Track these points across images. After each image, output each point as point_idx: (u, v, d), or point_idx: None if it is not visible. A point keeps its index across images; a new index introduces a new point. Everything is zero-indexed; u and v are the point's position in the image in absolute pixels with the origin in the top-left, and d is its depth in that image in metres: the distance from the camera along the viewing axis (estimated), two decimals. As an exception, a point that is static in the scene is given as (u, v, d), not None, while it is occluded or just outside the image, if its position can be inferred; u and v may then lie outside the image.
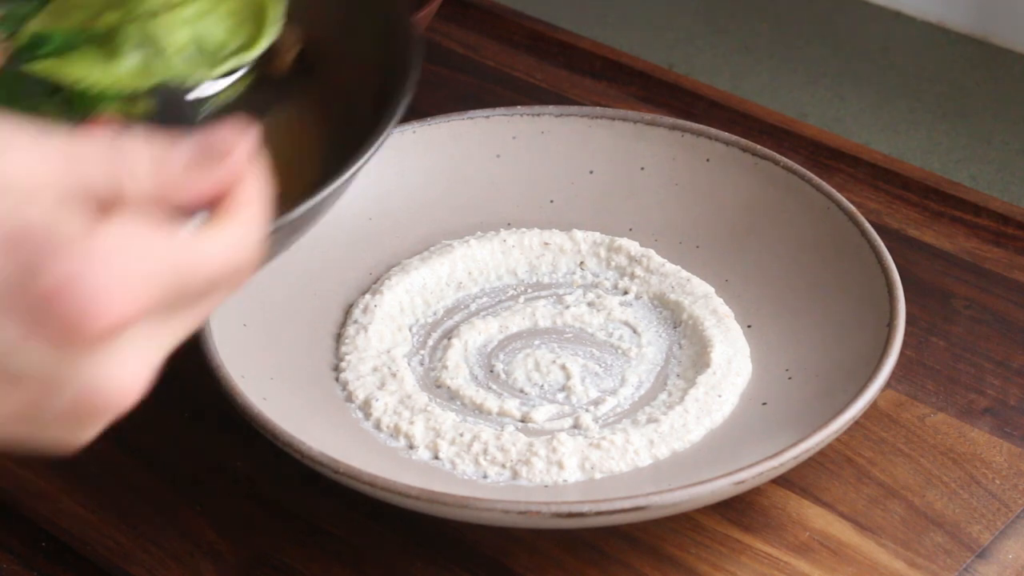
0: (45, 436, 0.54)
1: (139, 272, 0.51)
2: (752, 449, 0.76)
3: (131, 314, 0.51)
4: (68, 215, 0.51)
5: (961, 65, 1.18)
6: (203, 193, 0.54)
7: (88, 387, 0.52)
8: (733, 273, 0.89)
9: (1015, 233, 0.96)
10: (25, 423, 0.53)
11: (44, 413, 0.52)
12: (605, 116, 0.95)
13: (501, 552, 0.77)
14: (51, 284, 0.49)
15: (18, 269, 0.50)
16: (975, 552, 0.76)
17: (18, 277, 0.50)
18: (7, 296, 0.50)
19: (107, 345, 0.51)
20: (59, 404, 0.52)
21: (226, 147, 0.54)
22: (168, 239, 0.52)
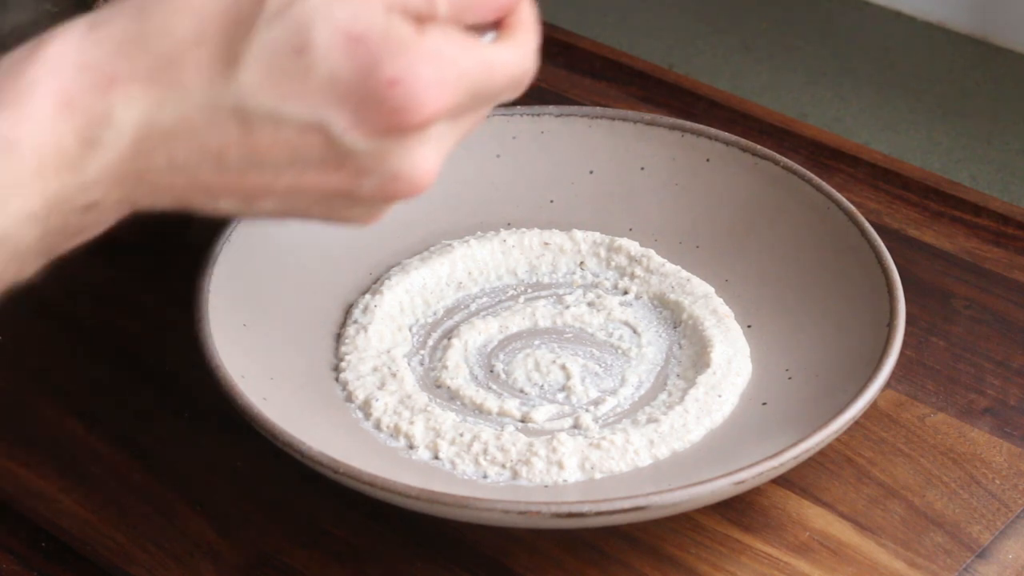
0: (348, 214, 0.61)
1: (455, 72, 0.58)
2: (752, 449, 0.76)
3: (445, 108, 0.58)
4: (399, 22, 0.57)
5: (961, 65, 1.18)
6: (494, 12, 0.61)
7: (396, 171, 0.59)
8: (733, 273, 0.89)
9: (1015, 233, 0.96)
10: (336, 201, 0.60)
11: (355, 193, 0.59)
12: (605, 116, 0.95)
13: (501, 552, 0.77)
14: (388, 76, 0.56)
15: (357, 64, 0.56)
16: (975, 552, 0.76)
17: (357, 71, 0.56)
18: (345, 87, 0.56)
19: (419, 135, 0.58)
20: (369, 185, 0.59)
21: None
22: (476, 47, 0.60)
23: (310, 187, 0.59)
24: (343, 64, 0.56)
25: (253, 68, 0.56)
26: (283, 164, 0.57)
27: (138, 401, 0.85)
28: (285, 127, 0.57)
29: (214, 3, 0.56)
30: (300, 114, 0.56)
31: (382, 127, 0.57)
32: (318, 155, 0.57)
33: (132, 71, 0.56)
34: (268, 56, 0.56)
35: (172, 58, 0.56)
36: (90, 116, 0.55)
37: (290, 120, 0.56)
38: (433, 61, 0.57)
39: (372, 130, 0.57)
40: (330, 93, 0.56)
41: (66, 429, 0.83)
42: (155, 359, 0.88)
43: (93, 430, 0.83)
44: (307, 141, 0.57)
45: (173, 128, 0.56)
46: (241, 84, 0.56)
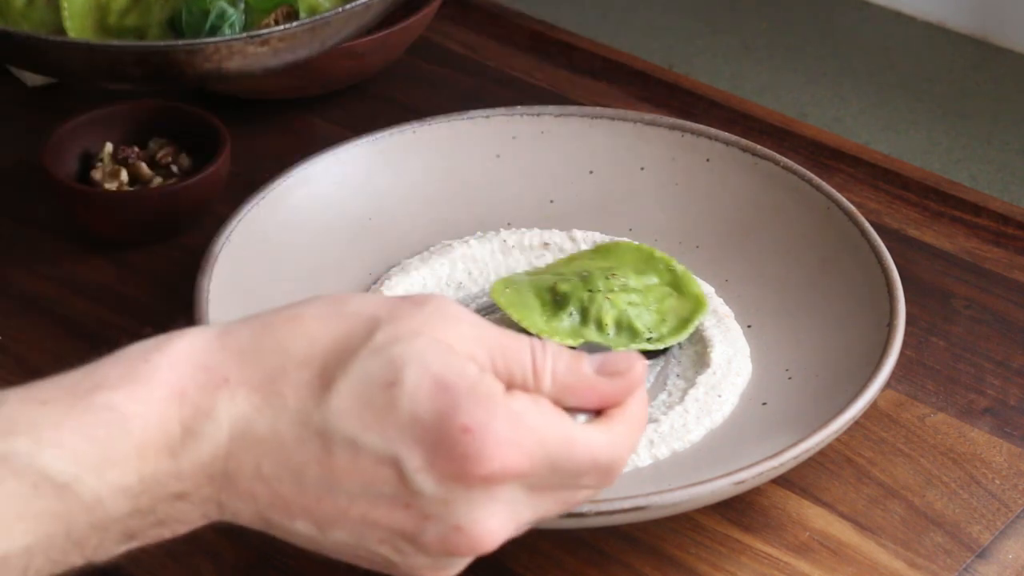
0: (412, 562, 0.61)
1: (532, 437, 0.60)
2: (752, 449, 0.76)
3: (517, 469, 0.59)
4: (491, 380, 0.60)
5: (961, 65, 1.18)
6: (600, 399, 0.63)
7: (459, 523, 0.60)
8: (733, 273, 0.89)
9: (1015, 233, 0.96)
10: (402, 543, 0.61)
11: (419, 538, 0.60)
12: (605, 116, 0.95)
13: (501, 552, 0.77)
14: (462, 423, 0.58)
15: (438, 407, 0.59)
16: (975, 552, 0.76)
17: (436, 413, 0.59)
18: (423, 428, 0.59)
19: (486, 491, 0.59)
20: (432, 532, 0.60)
21: (626, 366, 0.63)
22: (560, 420, 0.61)
23: (379, 521, 0.60)
24: (425, 405, 0.59)
25: (344, 394, 0.59)
26: (356, 492, 0.59)
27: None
28: (363, 455, 0.59)
29: (329, 332, 0.60)
30: (377, 446, 0.59)
31: (450, 473, 0.59)
32: (390, 489, 0.59)
33: (242, 377, 0.59)
34: (360, 386, 0.59)
35: (279, 372, 0.59)
36: (197, 409, 0.59)
37: (368, 449, 0.59)
38: (510, 420, 0.59)
39: (441, 475, 0.59)
40: (408, 431, 0.59)
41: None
42: (155, 359, 0.88)
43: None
44: (381, 473, 0.59)
45: (265, 436, 0.59)
46: (330, 407, 0.59)
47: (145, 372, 0.59)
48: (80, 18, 0.90)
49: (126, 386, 0.59)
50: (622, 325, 0.84)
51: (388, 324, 0.60)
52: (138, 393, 0.58)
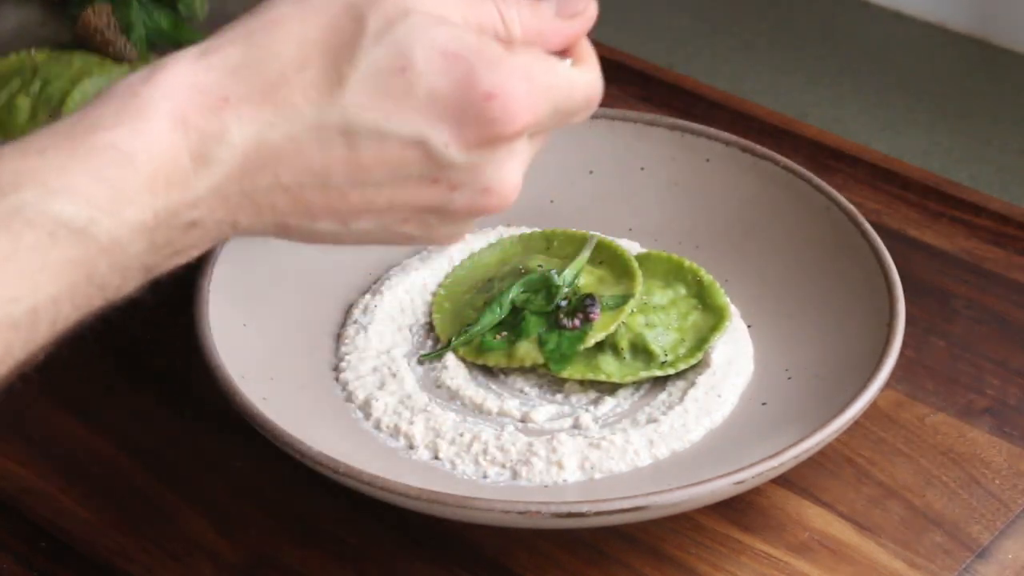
0: (439, 232, 0.64)
1: (544, 88, 0.62)
2: (752, 449, 0.76)
3: (535, 121, 0.62)
4: (489, 40, 0.61)
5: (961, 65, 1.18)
6: (565, 39, 0.66)
7: (487, 184, 0.62)
8: (733, 273, 0.89)
9: (1015, 233, 0.96)
10: (430, 216, 0.63)
11: (448, 207, 0.62)
12: (605, 116, 0.95)
13: (501, 552, 0.77)
14: (485, 89, 0.60)
15: (456, 79, 0.60)
16: (975, 552, 0.76)
17: (456, 86, 0.60)
18: (444, 103, 0.60)
19: (508, 148, 0.62)
20: (461, 200, 0.62)
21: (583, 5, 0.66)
22: (561, 67, 0.64)
23: (407, 202, 0.61)
24: (443, 80, 0.59)
25: (358, 88, 0.59)
26: (385, 180, 0.60)
27: (138, 401, 0.85)
28: (389, 143, 0.59)
29: (316, 29, 0.60)
30: (403, 130, 0.59)
31: (479, 139, 0.60)
32: (418, 170, 0.60)
33: (243, 93, 0.59)
34: (372, 76, 0.59)
35: (280, 81, 0.59)
36: (203, 134, 0.58)
37: (394, 136, 0.59)
38: (525, 76, 0.61)
39: (470, 143, 0.60)
40: (431, 109, 0.59)
41: (66, 429, 0.83)
42: (155, 359, 0.88)
43: (93, 430, 0.83)
44: (409, 156, 0.60)
45: (282, 147, 0.59)
46: (347, 104, 0.59)
47: (139, 106, 0.58)
48: None
49: (125, 123, 0.57)
50: (638, 348, 0.83)
51: (373, 8, 0.60)
52: (139, 128, 0.57)
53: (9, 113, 0.92)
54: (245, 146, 0.58)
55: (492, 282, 0.87)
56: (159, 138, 0.57)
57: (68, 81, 0.92)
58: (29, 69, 0.94)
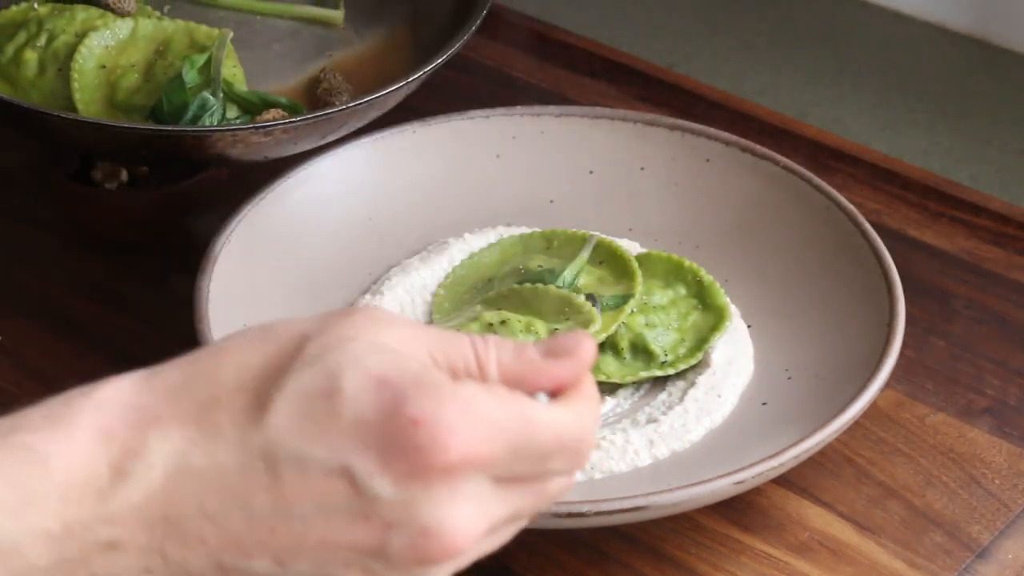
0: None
1: (487, 421, 0.56)
2: (752, 449, 0.76)
3: (476, 457, 0.55)
4: (435, 371, 0.57)
5: (961, 65, 1.18)
6: (552, 382, 0.59)
7: (425, 525, 0.55)
8: (733, 273, 0.89)
9: (1015, 233, 0.96)
10: (370, 562, 0.56)
11: (386, 550, 0.56)
12: (605, 116, 0.95)
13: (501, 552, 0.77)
14: (411, 415, 0.55)
15: (382, 404, 0.55)
16: (975, 552, 0.76)
17: (381, 411, 0.55)
18: (369, 429, 0.55)
19: (448, 486, 0.55)
20: (399, 542, 0.55)
21: (574, 344, 0.59)
22: (515, 400, 0.57)
23: (341, 542, 0.56)
24: (369, 406, 0.55)
25: (283, 412, 0.55)
26: (311, 513, 0.56)
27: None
28: (311, 472, 0.55)
29: (259, 355, 0.57)
30: (325, 458, 0.55)
31: (406, 471, 0.55)
32: (345, 503, 0.55)
33: (173, 413, 0.56)
34: (298, 400, 0.56)
35: (211, 403, 0.56)
36: (125, 448, 0.55)
37: (316, 464, 0.55)
38: (462, 406, 0.56)
39: (396, 475, 0.55)
40: (355, 436, 0.55)
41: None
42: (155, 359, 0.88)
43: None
44: (333, 487, 0.55)
45: (204, 470, 0.55)
46: (270, 427, 0.55)
47: (68, 414, 0.56)
48: (90, 91, 0.92)
49: (48, 428, 0.55)
50: (638, 348, 0.83)
51: (318, 336, 0.57)
52: (60, 433, 0.55)
53: (17, 68, 0.92)
54: (166, 464, 0.55)
55: (492, 282, 0.87)
56: (79, 446, 0.55)
57: (74, 35, 0.93)
58: (34, 22, 0.94)
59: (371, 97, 0.87)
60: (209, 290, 0.82)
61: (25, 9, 0.95)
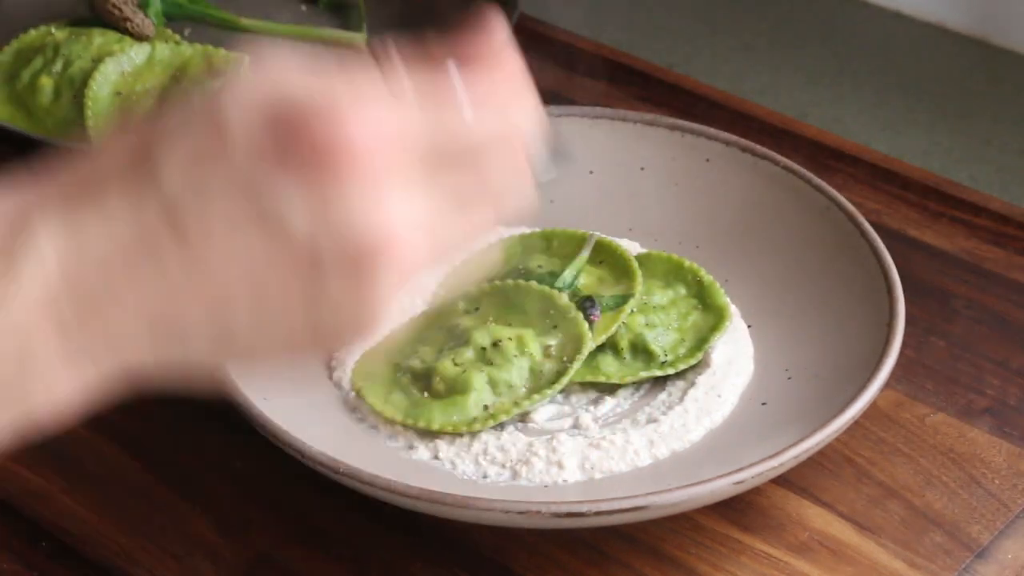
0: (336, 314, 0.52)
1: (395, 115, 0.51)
2: (752, 449, 0.76)
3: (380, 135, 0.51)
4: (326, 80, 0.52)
5: (961, 65, 1.18)
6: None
7: (350, 225, 0.51)
8: (733, 273, 0.89)
9: (1015, 233, 0.96)
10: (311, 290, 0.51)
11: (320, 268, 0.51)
12: (605, 116, 0.95)
13: (501, 552, 0.77)
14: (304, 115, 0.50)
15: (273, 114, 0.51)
16: (974, 552, 0.76)
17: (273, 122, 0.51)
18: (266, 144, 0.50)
19: (365, 182, 0.51)
20: (330, 254, 0.51)
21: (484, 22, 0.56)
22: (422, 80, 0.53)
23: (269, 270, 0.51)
24: (257, 123, 0.51)
25: (171, 162, 0.51)
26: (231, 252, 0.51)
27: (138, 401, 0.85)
28: (216, 207, 0.51)
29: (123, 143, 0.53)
30: (223, 184, 0.51)
31: (312, 175, 0.50)
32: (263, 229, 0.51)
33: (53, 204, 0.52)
34: (185, 148, 0.51)
35: (93, 184, 0.52)
36: (11, 249, 0.51)
37: (215, 194, 0.51)
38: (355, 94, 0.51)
39: (303, 181, 0.50)
40: (252, 156, 0.51)
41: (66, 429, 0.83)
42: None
43: (93, 430, 0.83)
44: (245, 216, 0.51)
45: (104, 250, 0.51)
46: (161, 185, 0.51)
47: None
48: (103, 118, 0.91)
49: None
50: (638, 348, 0.83)
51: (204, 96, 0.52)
52: None
53: (33, 94, 0.92)
54: (57, 252, 0.51)
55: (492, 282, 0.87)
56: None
57: (90, 61, 0.92)
58: (51, 47, 0.93)
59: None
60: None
61: (43, 34, 0.95)
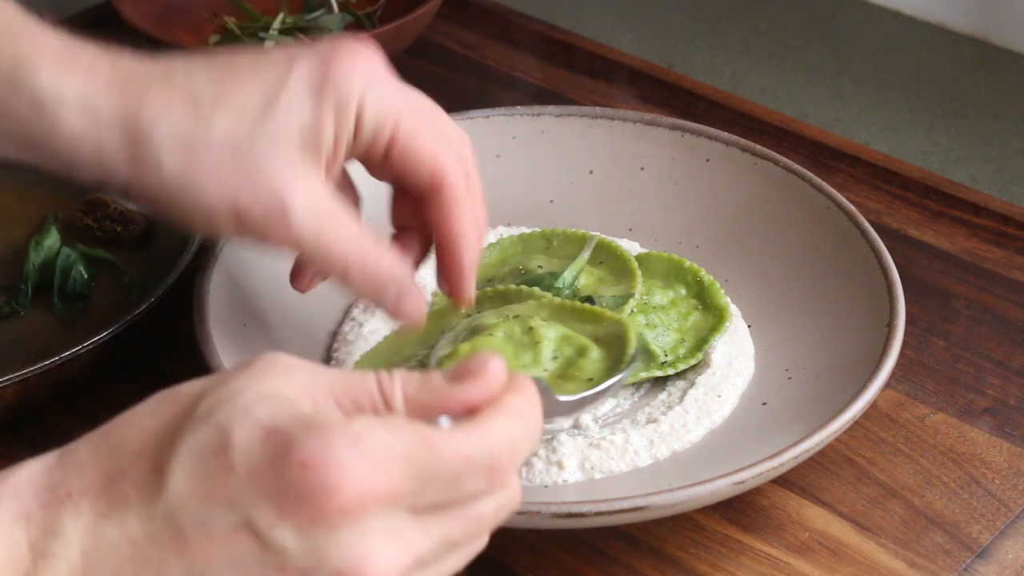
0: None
1: (384, 451, 0.54)
2: (752, 449, 0.76)
3: (375, 491, 0.54)
4: (332, 412, 0.56)
5: (961, 65, 1.18)
6: (461, 405, 0.57)
7: (339, 568, 0.54)
8: (733, 273, 0.89)
9: (1015, 233, 0.96)
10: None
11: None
12: (605, 116, 0.95)
13: (501, 552, 0.77)
14: (298, 459, 0.53)
15: (271, 452, 0.54)
16: (975, 552, 0.76)
17: (271, 459, 0.54)
18: (263, 480, 0.54)
19: (352, 524, 0.54)
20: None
21: (479, 365, 0.58)
22: (417, 427, 0.55)
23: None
24: (259, 456, 0.54)
25: (179, 475, 0.55)
26: (226, 572, 0.54)
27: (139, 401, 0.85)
28: (215, 531, 0.54)
29: (159, 419, 0.57)
30: (226, 515, 0.54)
31: (305, 518, 0.53)
32: (255, 557, 0.54)
33: (83, 487, 0.56)
34: (192, 461, 0.55)
35: (117, 474, 0.56)
36: (44, 529, 0.55)
37: (218, 523, 0.54)
38: (351, 441, 0.54)
39: (297, 522, 0.54)
40: (251, 488, 0.54)
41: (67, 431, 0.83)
42: (156, 359, 0.88)
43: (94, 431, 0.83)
44: (240, 543, 0.54)
45: (117, 541, 0.55)
46: (169, 493, 0.55)
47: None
48: None
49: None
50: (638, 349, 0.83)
51: (212, 392, 0.56)
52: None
53: None
54: (83, 540, 0.55)
55: (492, 282, 0.87)
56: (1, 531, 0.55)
57: None
58: None
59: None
60: (209, 290, 0.82)
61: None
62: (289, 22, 1.12)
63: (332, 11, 1.13)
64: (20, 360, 0.83)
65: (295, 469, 0.53)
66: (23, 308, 0.90)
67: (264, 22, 1.13)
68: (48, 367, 0.81)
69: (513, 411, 0.58)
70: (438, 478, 0.55)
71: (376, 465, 0.54)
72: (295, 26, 1.12)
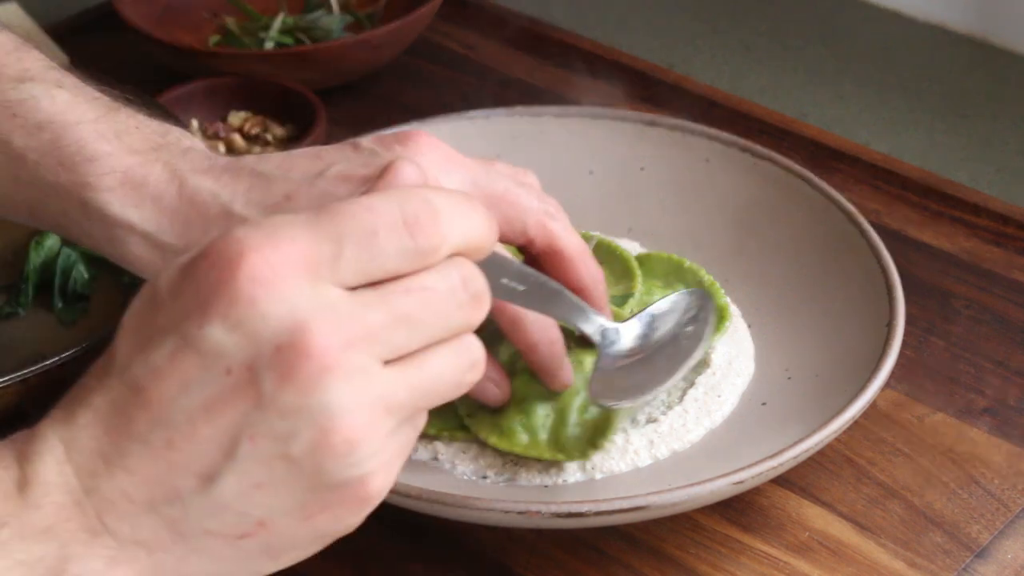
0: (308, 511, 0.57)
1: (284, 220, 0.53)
2: (752, 449, 0.76)
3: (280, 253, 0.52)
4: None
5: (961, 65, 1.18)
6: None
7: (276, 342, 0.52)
8: (733, 273, 0.89)
9: (1015, 233, 0.96)
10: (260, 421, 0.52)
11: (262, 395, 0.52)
12: (605, 116, 0.95)
13: (501, 552, 0.77)
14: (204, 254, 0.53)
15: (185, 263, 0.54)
16: (974, 552, 0.77)
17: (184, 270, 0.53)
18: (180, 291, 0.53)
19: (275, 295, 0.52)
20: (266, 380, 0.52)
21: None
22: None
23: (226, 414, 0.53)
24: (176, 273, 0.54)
25: (123, 340, 0.55)
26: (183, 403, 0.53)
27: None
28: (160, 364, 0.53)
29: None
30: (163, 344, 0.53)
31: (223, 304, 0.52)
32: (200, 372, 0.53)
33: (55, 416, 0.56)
34: (130, 321, 0.55)
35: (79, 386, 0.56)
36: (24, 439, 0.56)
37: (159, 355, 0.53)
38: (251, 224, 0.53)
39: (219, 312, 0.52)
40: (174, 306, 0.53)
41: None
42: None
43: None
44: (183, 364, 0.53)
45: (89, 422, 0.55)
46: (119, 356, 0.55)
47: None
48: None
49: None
50: None
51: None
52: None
53: None
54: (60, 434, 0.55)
55: None
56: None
57: None
58: None
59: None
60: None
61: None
62: (289, 22, 1.12)
63: (332, 11, 1.13)
64: (20, 360, 0.83)
65: (203, 267, 0.52)
66: (23, 308, 0.90)
67: (264, 22, 1.13)
68: (48, 367, 0.81)
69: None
70: (348, 236, 0.53)
71: (275, 232, 0.52)
72: (295, 26, 1.12)
